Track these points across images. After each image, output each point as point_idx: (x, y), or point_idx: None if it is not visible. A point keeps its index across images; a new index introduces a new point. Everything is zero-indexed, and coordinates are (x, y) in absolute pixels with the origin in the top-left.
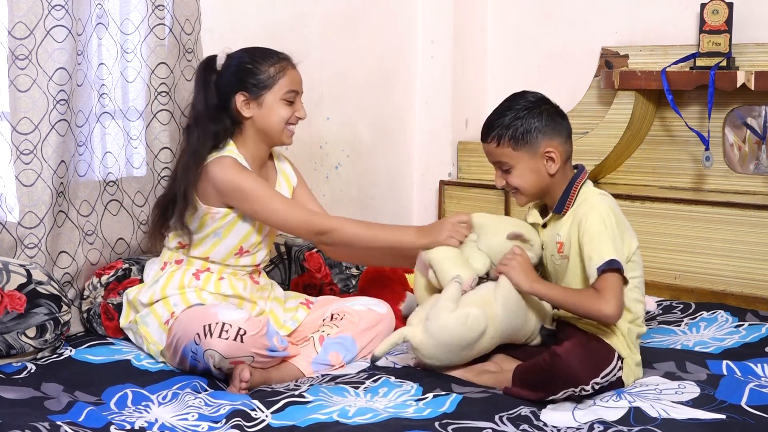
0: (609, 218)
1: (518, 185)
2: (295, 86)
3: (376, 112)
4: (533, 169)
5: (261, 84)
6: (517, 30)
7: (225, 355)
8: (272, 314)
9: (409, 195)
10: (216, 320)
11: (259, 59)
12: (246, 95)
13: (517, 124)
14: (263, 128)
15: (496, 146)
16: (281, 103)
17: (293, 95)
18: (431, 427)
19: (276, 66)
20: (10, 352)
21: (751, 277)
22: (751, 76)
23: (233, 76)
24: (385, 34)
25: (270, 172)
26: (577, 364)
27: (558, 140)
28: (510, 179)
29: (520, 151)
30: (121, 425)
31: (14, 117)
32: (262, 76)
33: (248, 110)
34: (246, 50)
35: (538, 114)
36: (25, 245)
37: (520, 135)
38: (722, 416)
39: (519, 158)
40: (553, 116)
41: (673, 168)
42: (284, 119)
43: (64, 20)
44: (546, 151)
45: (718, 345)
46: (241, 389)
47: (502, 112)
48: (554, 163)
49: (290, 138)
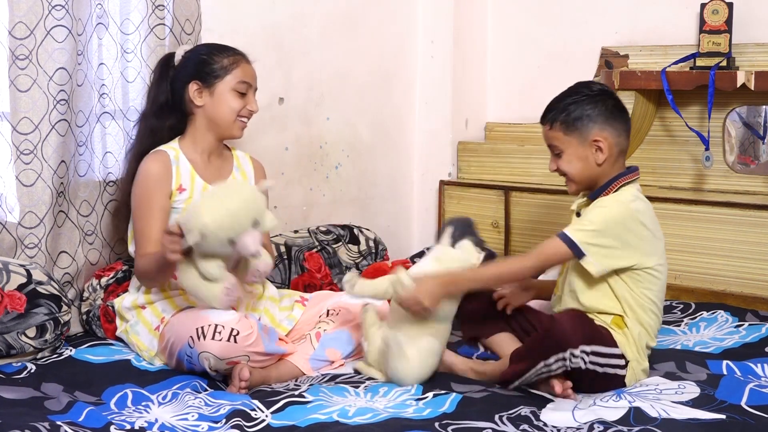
0: (614, 216)
1: (567, 171)
2: (248, 78)
3: (376, 112)
4: (581, 156)
5: (214, 73)
6: (517, 30)
7: (220, 356)
8: (267, 314)
9: (409, 195)
10: (208, 322)
11: (215, 51)
12: (199, 84)
13: (571, 108)
14: (213, 117)
15: (549, 129)
16: (233, 94)
17: (245, 87)
18: (431, 427)
19: (230, 58)
20: (10, 352)
21: (751, 277)
22: (751, 76)
23: (189, 67)
24: (385, 34)
25: (224, 165)
26: (569, 327)
27: (610, 131)
28: (560, 164)
29: (571, 137)
30: (121, 425)
31: (14, 117)
32: (215, 66)
33: (200, 99)
34: (203, 44)
35: (594, 103)
36: (25, 245)
37: (572, 120)
38: (722, 416)
39: (569, 143)
40: (611, 108)
41: (673, 168)
42: (235, 110)
43: (64, 20)
44: (594, 140)
45: (718, 345)
46: (241, 389)
47: (562, 97)
48: (602, 153)
49: (241, 131)
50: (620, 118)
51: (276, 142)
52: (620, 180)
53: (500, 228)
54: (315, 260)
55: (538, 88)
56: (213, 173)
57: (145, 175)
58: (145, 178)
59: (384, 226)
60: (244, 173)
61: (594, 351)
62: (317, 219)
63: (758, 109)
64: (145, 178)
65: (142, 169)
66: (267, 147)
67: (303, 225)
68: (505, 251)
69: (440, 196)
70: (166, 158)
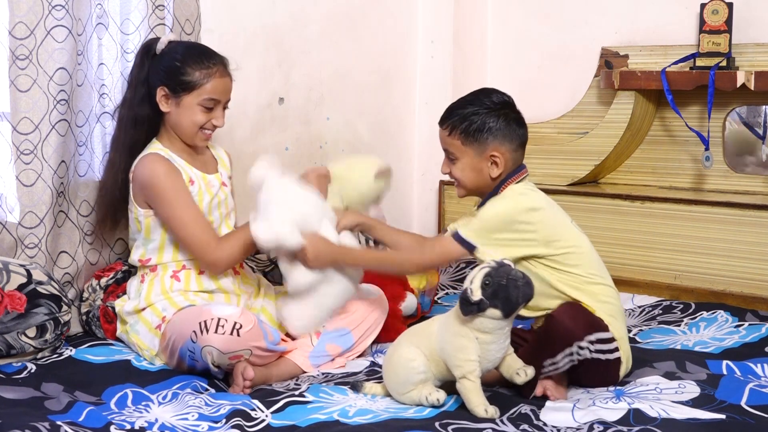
0: (504, 213)
1: (458, 178)
2: (217, 95)
3: (376, 112)
4: (475, 167)
5: (183, 85)
6: (517, 30)
7: (223, 350)
8: (265, 312)
9: (409, 195)
10: (211, 316)
11: (190, 60)
12: (166, 91)
13: (473, 119)
14: (176, 127)
15: (448, 135)
16: (198, 108)
17: (212, 103)
18: (431, 427)
19: (204, 71)
20: (10, 352)
21: (751, 277)
22: (751, 76)
23: (161, 69)
24: (385, 34)
25: (208, 159)
26: (570, 320)
27: (508, 147)
28: (453, 169)
29: (468, 147)
30: (121, 425)
31: (14, 117)
32: (185, 78)
33: (166, 106)
34: (184, 46)
35: (496, 116)
36: (26, 245)
37: (472, 131)
38: (722, 416)
39: (465, 153)
40: (511, 122)
41: (673, 168)
42: (197, 124)
43: (64, 20)
44: (492, 155)
45: (718, 345)
46: (245, 388)
47: (464, 104)
48: (497, 168)
49: (203, 141)
50: (517, 131)
51: (276, 142)
52: (508, 182)
53: None
54: None
55: (538, 88)
56: (203, 165)
57: (160, 176)
58: (161, 178)
59: None
60: (222, 160)
61: (598, 338)
62: None
63: (758, 109)
64: (162, 178)
65: (151, 173)
66: (267, 147)
67: None
68: None
69: (440, 196)
70: (163, 157)
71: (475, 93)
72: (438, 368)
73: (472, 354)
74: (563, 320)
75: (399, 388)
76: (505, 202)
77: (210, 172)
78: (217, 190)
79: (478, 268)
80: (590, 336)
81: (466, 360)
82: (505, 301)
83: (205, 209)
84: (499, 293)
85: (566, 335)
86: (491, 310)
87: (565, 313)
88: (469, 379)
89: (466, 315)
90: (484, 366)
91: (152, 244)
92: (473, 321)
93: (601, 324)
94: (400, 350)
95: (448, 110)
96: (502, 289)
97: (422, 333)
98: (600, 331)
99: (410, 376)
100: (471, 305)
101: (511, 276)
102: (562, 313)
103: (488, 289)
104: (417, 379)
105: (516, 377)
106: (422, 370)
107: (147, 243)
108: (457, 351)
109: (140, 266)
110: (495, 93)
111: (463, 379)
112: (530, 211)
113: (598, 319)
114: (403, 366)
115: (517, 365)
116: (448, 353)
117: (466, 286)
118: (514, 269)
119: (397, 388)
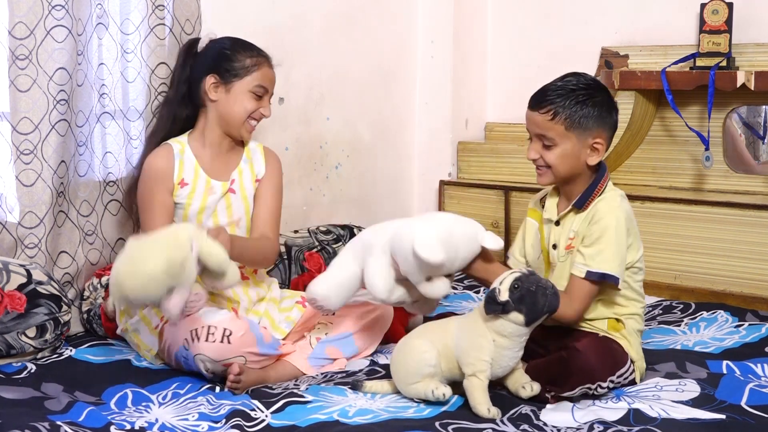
0: (622, 226)
1: (554, 164)
2: (266, 83)
3: (376, 112)
4: (575, 153)
5: (234, 71)
6: (517, 30)
7: (215, 358)
8: (267, 316)
9: (409, 195)
10: (201, 324)
11: (239, 48)
12: (216, 78)
13: (579, 106)
14: (225, 115)
15: (550, 120)
16: (248, 95)
17: (262, 91)
18: (431, 427)
19: (253, 59)
20: (10, 352)
21: (751, 277)
22: (751, 76)
23: (210, 58)
24: (385, 34)
25: (232, 159)
26: (596, 359)
27: (608, 133)
28: (547, 155)
29: (571, 132)
30: (121, 425)
31: (14, 117)
32: (237, 64)
33: (215, 94)
34: (230, 38)
35: (600, 101)
36: (26, 245)
37: (578, 117)
38: (722, 416)
39: (567, 138)
40: (612, 109)
41: (673, 168)
42: (248, 111)
43: (64, 20)
44: (596, 142)
45: (718, 345)
46: (231, 383)
47: (565, 87)
48: (597, 155)
49: (249, 133)
50: (616, 119)
51: (276, 142)
52: (602, 183)
53: (500, 228)
54: (315, 260)
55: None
56: (219, 168)
57: (147, 172)
58: (147, 174)
59: None
60: (252, 167)
61: (618, 375)
62: (317, 219)
63: (758, 109)
64: (147, 175)
65: (145, 165)
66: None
67: (303, 225)
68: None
69: (440, 196)
70: (170, 152)
71: (576, 79)
72: (448, 365)
73: (486, 354)
74: (589, 358)
75: (407, 378)
76: (620, 212)
77: (220, 178)
78: (217, 198)
79: (510, 272)
80: (612, 376)
81: (479, 359)
82: (531, 307)
83: (190, 215)
84: (526, 298)
85: (590, 373)
86: (515, 314)
87: (593, 350)
88: (479, 378)
89: (489, 314)
90: (494, 371)
91: None
92: (494, 322)
93: (623, 358)
94: (415, 341)
95: (543, 93)
96: (530, 295)
97: (438, 329)
98: (622, 367)
99: (420, 368)
100: (496, 305)
101: (541, 284)
102: (589, 349)
103: (516, 293)
104: (426, 372)
105: (521, 390)
106: (433, 363)
107: None
108: (472, 349)
109: None
110: (590, 77)
111: (472, 377)
112: (631, 220)
113: (621, 354)
114: (415, 356)
115: (523, 380)
116: (463, 349)
117: (495, 286)
118: (543, 279)
119: (405, 378)
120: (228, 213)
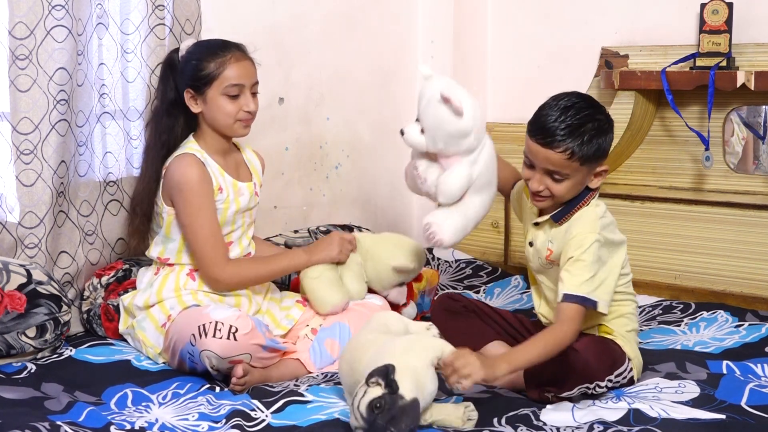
0: (599, 248)
1: (560, 194)
2: (236, 80)
3: (376, 112)
4: (582, 182)
5: (204, 80)
6: (517, 30)
7: (221, 354)
8: (269, 314)
9: (410, 195)
10: (209, 320)
11: (204, 54)
12: (192, 92)
13: (593, 142)
14: (212, 123)
15: (567, 159)
16: (223, 99)
17: (236, 89)
18: (431, 427)
19: (217, 61)
20: (10, 352)
21: (751, 277)
22: (751, 76)
23: (183, 72)
24: (385, 34)
25: (240, 163)
26: (594, 359)
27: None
28: (555, 187)
29: (585, 167)
30: (121, 425)
31: (14, 117)
32: (203, 72)
33: (196, 106)
34: (197, 44)
35: (605, 129)
36: (26, 245)
37: (593, 152)
38: (722, 416)
39: (579, 172)
40: (610, 128)
41: (673, 168)
42: (230, 114)
43: (64, 20)
44: (602, 170)
45: (718, 345)
46: (234, 385)
47: (583, 122)
48: (601, 178)
49: (244, 129)
50: (613, 133)
51: (276, 142)
52: (585, 200)
53: (500, 228)
54: None
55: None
56: (234, 169)
57: (190, 183)
58: (190, 185)
59: (384, 226)
60: (254, 168)
61: (616, 374)
62: (317, 219)
63: (758, 109)
64: (192, 185)
65: (182, 178)
66: (267, 147)
67: (303, 225)
68: (505, 252)
69: None
70: (199, 161)
71: (568, 104)
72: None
73: None
74: (587, 358)
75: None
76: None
77: (243, 179)
78: (247, 200)
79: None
80: (610, 375)
81: None
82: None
83: (229, 218)
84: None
85: (588, 373)
86: None
87: (591, 350)
88: None
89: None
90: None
91: (172, 245)
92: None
93: (621, 357)
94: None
95: (553, 130)
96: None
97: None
98: (620, 366)
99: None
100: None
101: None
102: (587, 349)
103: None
104: None
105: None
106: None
107: (167, 242)
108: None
109: (158, 261)
110: (587, 99)
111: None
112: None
113: (619, 354)
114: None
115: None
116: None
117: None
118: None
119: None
120: (250, 214)
